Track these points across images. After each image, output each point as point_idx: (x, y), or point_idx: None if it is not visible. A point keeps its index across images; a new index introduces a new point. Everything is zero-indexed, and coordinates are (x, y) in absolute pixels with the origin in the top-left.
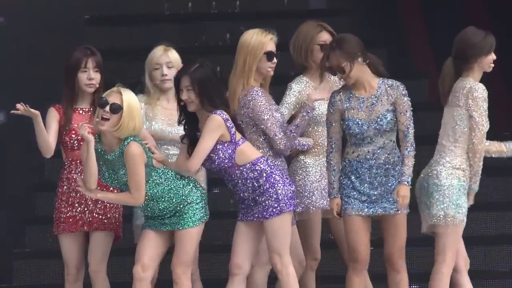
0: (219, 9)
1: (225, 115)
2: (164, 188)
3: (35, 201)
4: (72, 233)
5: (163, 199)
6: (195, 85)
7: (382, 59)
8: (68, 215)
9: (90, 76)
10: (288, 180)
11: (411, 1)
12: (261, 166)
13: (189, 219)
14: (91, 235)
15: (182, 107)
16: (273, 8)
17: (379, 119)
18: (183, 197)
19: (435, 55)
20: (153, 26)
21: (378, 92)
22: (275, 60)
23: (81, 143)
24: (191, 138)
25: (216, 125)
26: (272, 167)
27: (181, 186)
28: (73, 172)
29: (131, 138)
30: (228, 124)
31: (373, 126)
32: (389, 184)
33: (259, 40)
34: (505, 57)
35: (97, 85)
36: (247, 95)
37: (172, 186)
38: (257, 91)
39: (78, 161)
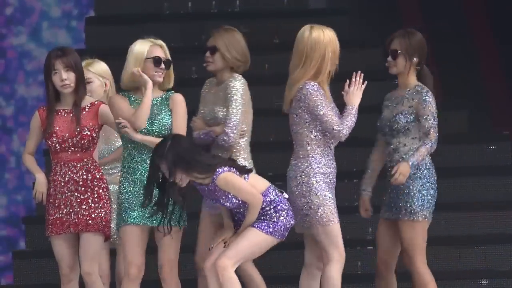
0: (219, 9)
1: (227, 168)
2: None
3: (34, 201)
4: (60, 235)
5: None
6: (176, 166)
7: (380, 59)
8: (55, 217)
9: (61, 77)
10: (291, 213)
11: (411, 0)
12: (271, 197)
13: (176, 217)
14: (80, 237)
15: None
16: (273, 8)
17: (392, 118)
18: None
19: (435, 55)
20: (153, 26)
21: (406, 95)
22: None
23: (63, 145)
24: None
25: (236, 178)
26: (280, 196)
27: None
28: (58, 174)
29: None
30: (234, 171)
31: (388, 123)
32: (400, 188)
33: (332, 35)
34: (505, 57)
35: (73, 85)
36: (302, 89)
37: None
38: (313, 86)
39: (62, 163)
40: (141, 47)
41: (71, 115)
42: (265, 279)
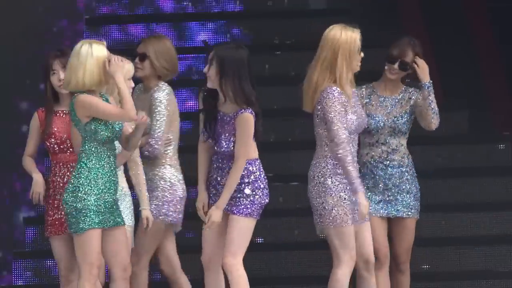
0: (219, 9)
1: (254, 116)
2: (116, 180)
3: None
4: (60, 235)
5: (115, 190)
6: (217, 61)
7: (381, 59)
8: (54, 217)
9: (59, 77)
10: (267, 192)
11: (411, 1)
12: (254, 168)
13: (122, 216)
14: None
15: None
16: (273, 8)
17: (396, 119)
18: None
19: (435, 55)
20: (153, 26)
21: (400, 96)
22: (362, 54)
23: (61, 146)
24: (208, 115)
25: (252, 125)
26: (261, 172)
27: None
28: (57, 175)
29: None
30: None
31: (388, 124)
32: (403, 187)
33: (350, 35)
34: (506, 57)
35: None
36: (323, 93)
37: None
38: (334, 91)
39: (61, 164)
40: (101, 49)
41: (69, 116)
42: (288, 279)
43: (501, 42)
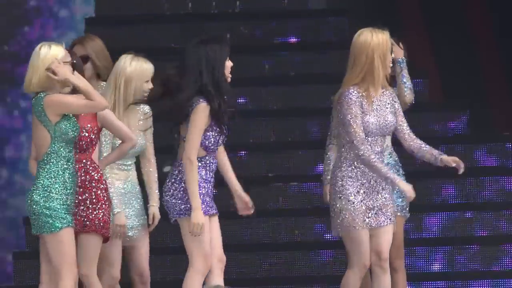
0: (219, 9)
1: None
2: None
3: None
4: None
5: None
6: None
7: None
8: None
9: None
10: None
11: (411, 1)
12: None
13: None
14: (78, 238)
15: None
16: (273, 8)
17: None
18: None
19: (435, 54)
20: (153, 26)
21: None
22: (392, 55)
23: None
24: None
25: None
26: None
27: None
28: None
29: None
30: None
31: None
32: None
33: (382, 37)
34: (506, 57)
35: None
36: (342, 95)
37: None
38: (351, 93)
39: None
40: (60, 51)
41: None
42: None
43: (502, 42)
